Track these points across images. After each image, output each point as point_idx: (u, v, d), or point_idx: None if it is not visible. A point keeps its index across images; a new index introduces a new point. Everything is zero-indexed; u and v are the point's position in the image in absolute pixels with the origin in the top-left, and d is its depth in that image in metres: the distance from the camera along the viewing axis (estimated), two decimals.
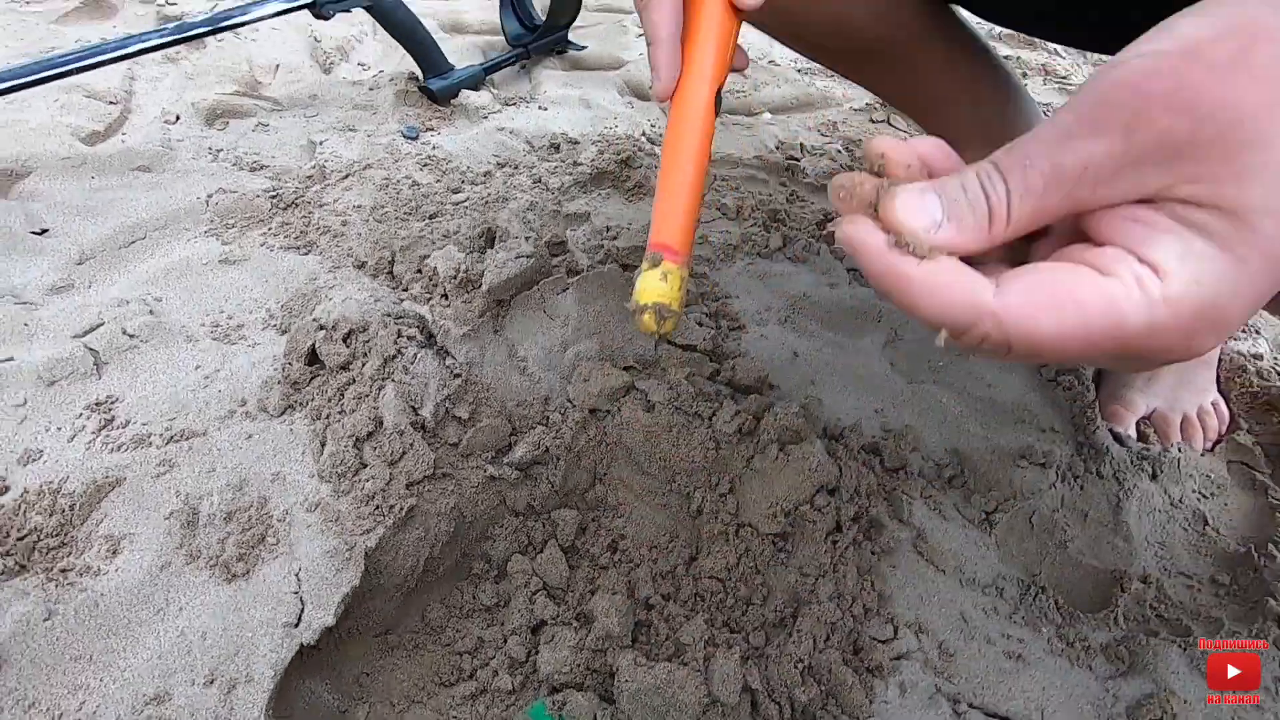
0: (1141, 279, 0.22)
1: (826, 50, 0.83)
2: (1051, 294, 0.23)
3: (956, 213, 0.24)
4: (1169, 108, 0.22)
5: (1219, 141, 0.21)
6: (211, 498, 0.54)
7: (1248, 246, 0.22)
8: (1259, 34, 0.22)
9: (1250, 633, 0.55)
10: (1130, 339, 0.22)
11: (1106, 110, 0.22)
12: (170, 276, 0.74)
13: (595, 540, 0.60)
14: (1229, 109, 0.21)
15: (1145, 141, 0.22)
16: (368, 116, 1.08)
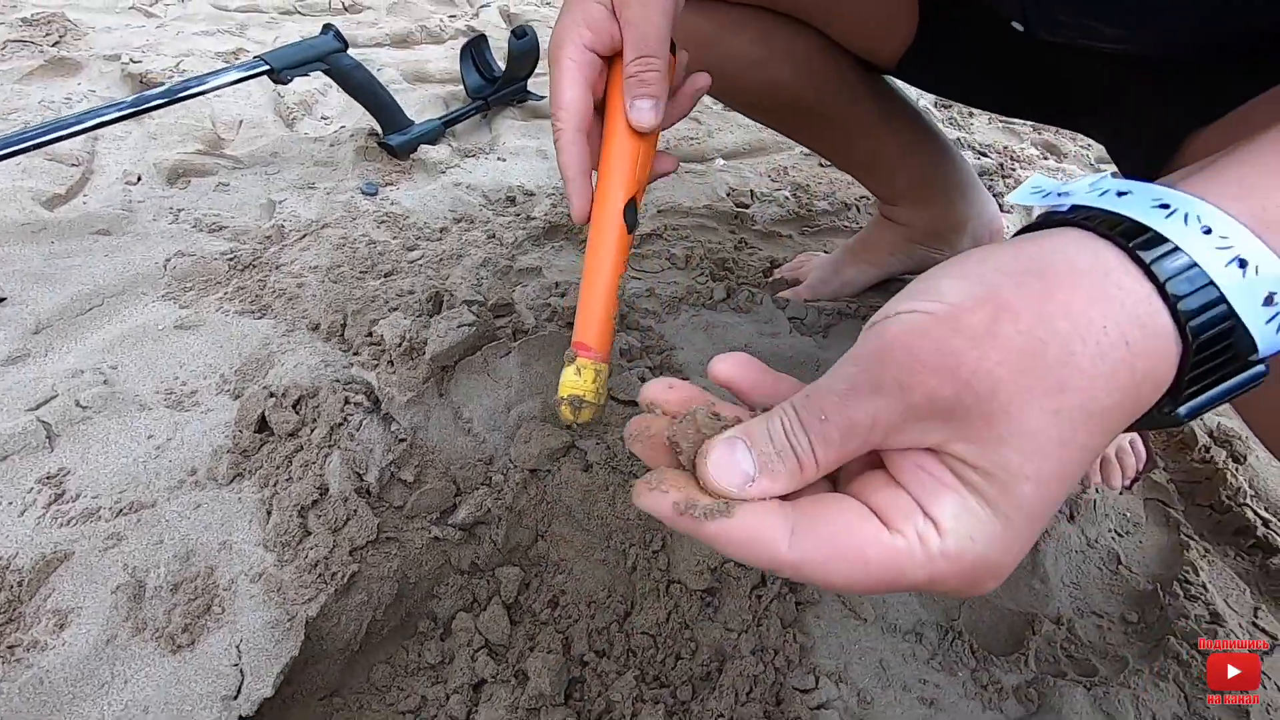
0: (924, 537, 0.24)
1: (764, 110, 0.88)
2: (842, 549, 0.25)
3: (769, 466, 0.26)
4: (935, 371, 0.24)
5: (977, 409, 0.24)
6: (159, 569, 0.56)
7: (1012, 508, 0.24)
8: (1003, 307, 0.24)
9: (1152, 670, 0.59)
10: (914, 588, 0.25)
11: (883, 369, 0.25)
12: (126, 344, 0.76)
13: (537, 596, 0.63)
14: (984, 378, 0.23)
15: (919, 401, 0.24)
16: (328, 173, 1.11)
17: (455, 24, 1.72)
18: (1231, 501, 0.75)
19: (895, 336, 0.25)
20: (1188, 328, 0.24)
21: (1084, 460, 0.25)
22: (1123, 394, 0.24)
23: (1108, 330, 0.24)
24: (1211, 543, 0.73)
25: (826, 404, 0.25)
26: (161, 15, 1.62)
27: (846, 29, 0.75)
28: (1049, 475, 0.24)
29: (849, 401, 0.25)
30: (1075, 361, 0.23)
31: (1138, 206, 0.25)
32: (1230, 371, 0.25)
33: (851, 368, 0.26)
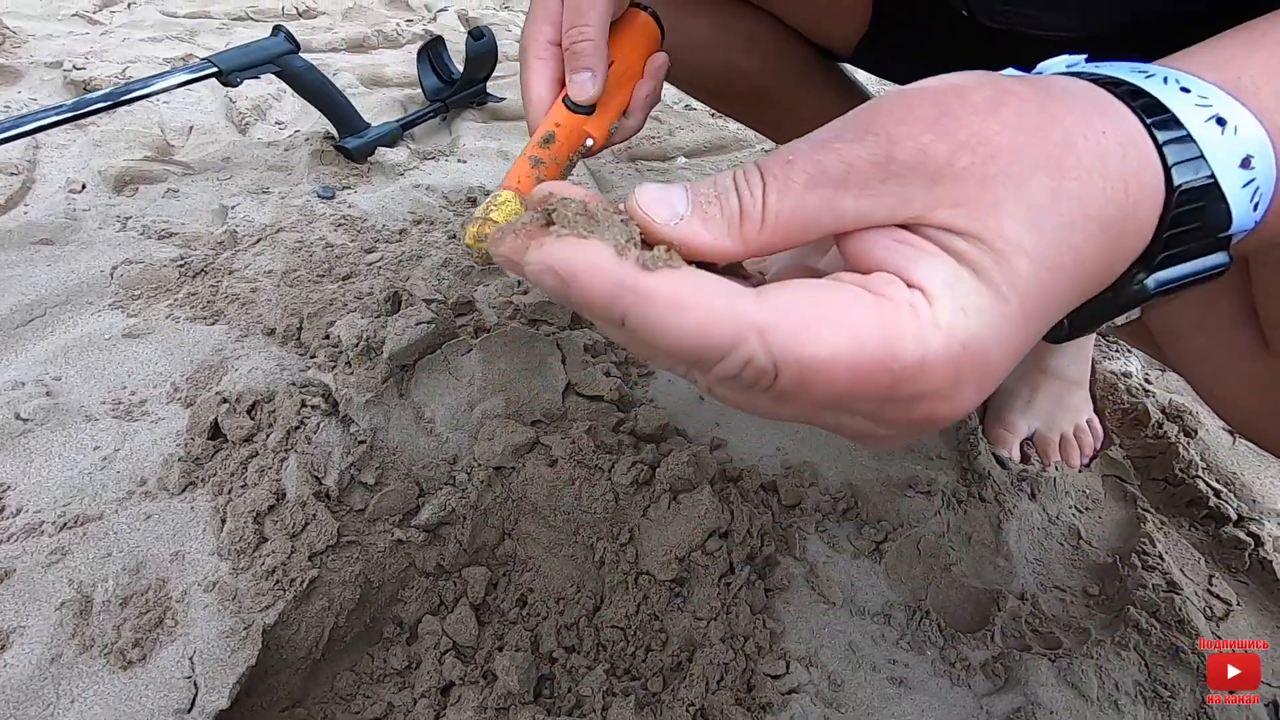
0: (913, 303, 0.20)
1: (723, 98, 0.88)
2: (824, 310, 0.20)
3: (703, 204, 0.22)
4: (931, 128, 0.21)
5: (976, 170, 0.21)
6: (106, 583, 0.54)
7: (1008, 284, 0.21)
8: (1009, 91, 0.23)
9: (1113, 640, 0.60)
10: (902, 374, 0.20)
11: (874, 120, 0.22)
12: (70, 354, 0.74)
13: (505, 595, 0.62)
14: (985, 144, 0.21)
15: (907, 154, 0.21)
16: (282, 178, 1.09)
17: (412, 29, 1.70)
18: (1184, 475, 0.77)
19: (891, 96, 0.23)
20: (1172, 171, 0.23)
21: (1075, 271, 0.22)
22: (1116, 210, 0.22)
23: (1107, 134, 0.22)
24: (1167, 515, 0.75)
25: (798, 147, 0.22)
26: (106, 22, 1.57)
27: (800, 15, 0.76)
28: (1048, 260, 0.21)
29: (826, 146, 0.22)
30: (1077, 151, 0.22)
31: (1118, 69, 0.25)
32: (1201, 248, 0.24)
33: (838, 122, 0.23)
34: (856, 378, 0.20)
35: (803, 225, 0.22)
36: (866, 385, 0.20)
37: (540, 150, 0.43)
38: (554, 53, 0.48)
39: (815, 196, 0.21)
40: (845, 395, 0.20)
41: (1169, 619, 0.61)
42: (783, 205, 0.21)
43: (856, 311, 0.20)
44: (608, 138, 0.49)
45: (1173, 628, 0.60)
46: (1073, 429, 0.82)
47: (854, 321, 0.20)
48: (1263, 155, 0.24)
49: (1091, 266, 0.22)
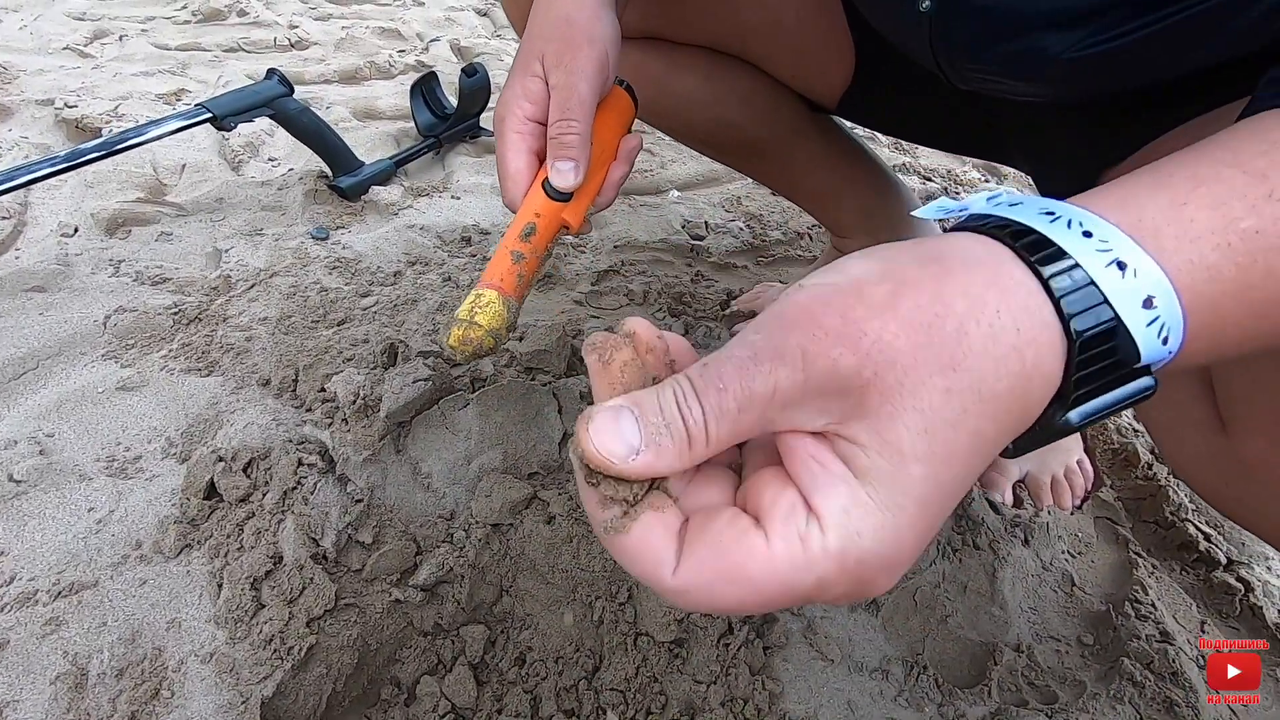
0: (805, 538, 0.23)
1: (714, 146, 0.90)
2: (724, 569, 0.23)
3: (654, 438, 0.25)
4: (839, 339, 0.23)
5: (876, 382, 0.23)
6: (102, 654, 0.54)
7: (900, 492, 0.23)
8: (904, 282, 0.24)
9: (1108, 693, 0.61)
10: (803, 597, 0.23)
11: (787, 337, 0.24)
12: (64, 409, 0.73)
13: (504, 654, 0.62)
14: (884, 349, 0.23)
15: (821, 372, 0.23)
16: (276, 218, 1.09)
17: (405, 59, 1.71)
18: (1174, 517, 0.78)
19: (801, 304, 0.25)
20: (1070, 323, 0.24)
21: (975, 448, 0.24)
22: (1013, 380, 0.24)
23: (1000, 314, 0.24)
24: (1159, 558, 0.76)
25: (725, 372, 0.24)
26: (98, 56, 1.57)
27: (785, 71, 0.77)
28: (939, 456, 0.23)
29: (749, 369, 0.24)
30: (969, 340, 0.24)
31: (1026, 213, 0.27)
32: (1117, 379, 0.26)
33: (755, 335, 0.25)
34: (763, 607, 0.24)
35: (741, 435, 0.25)
36: (775, 607, 0.24)
37: (521, 244, 0.44)
38: (532, 129, 0.49)
39: (748, 417, 0.24)
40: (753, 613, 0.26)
41: (1163, 671, 0.61)
42: (721, 429, 0.24)
43: (753, 563, 0.23)
44: (584, 223, 0.50)
45: (1166, 680, 0.61)
46: (1063, 470, 0.83)
47: (752, 576, 0.23)
48: (1164, 294, 0.25)
49: (993, 434, 0.25)
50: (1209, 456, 0.44)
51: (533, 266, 0.45)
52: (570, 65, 0.47)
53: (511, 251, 0.44)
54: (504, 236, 0.45)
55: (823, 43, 0.73)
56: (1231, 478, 0.43)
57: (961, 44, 0.50)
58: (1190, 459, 0.46)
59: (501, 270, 0.43)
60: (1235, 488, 0.43)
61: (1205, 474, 0.45)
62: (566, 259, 1.08)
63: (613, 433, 0.25)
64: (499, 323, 0.42)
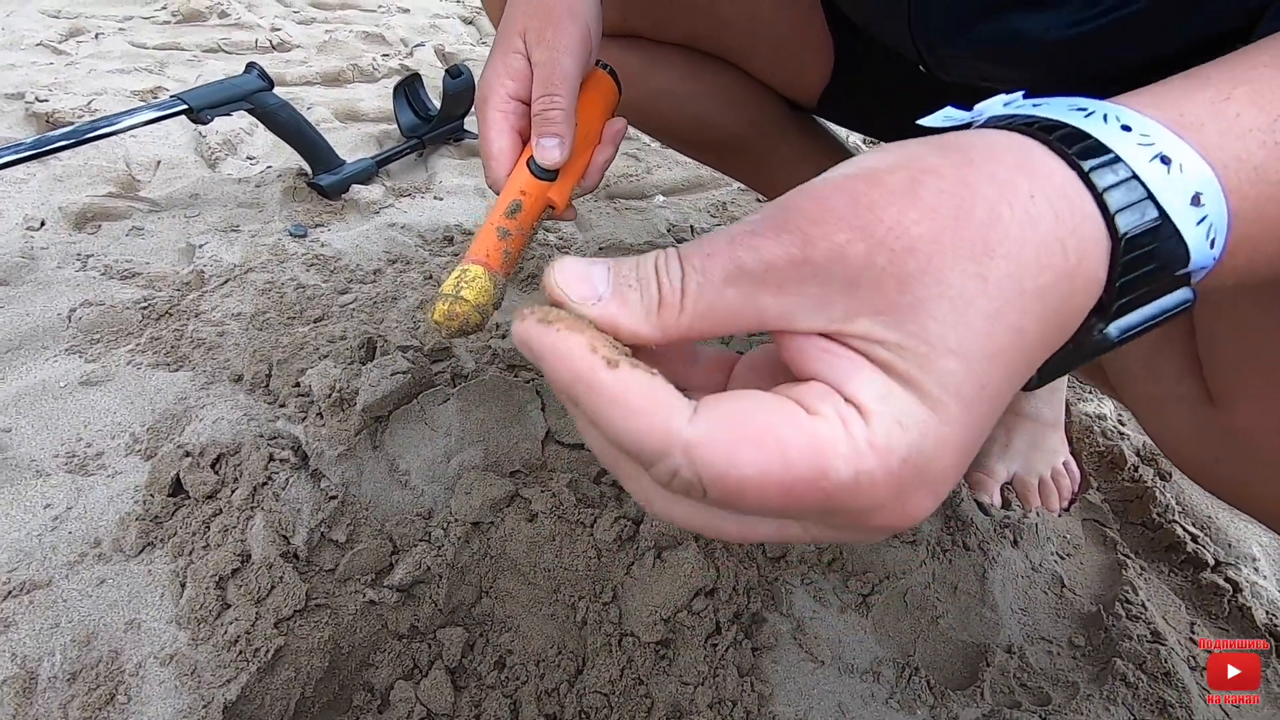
0: (847, 419, 0.20)
1: (694, 145, 0.89)
2: (753, 428, 0.20)
3: (622, 289, 0.22)
4: (848, 224, 0.21)
5: (890, 271, 0.20)
6: (54, 657, 0.51)
7: (939, 389, 0.20)
8: (925, 169, 0.22)
9: (1101, 694, 0.59)
10: (835, 492, 0.20)
11: (790, 216, 0.21)
12: (22, 403, 0.70)
13: (482, 658, 0.59)
14: (901, 236, 0.21)
15: (823, 255, 0.21)
16: (253, 215, 1.06)
17: (388, 63, 1.70)
18: (1161, 519, 0.77)
19: (807, 190, 0.22)
20: (1115, 219, 0.22)
21: (1018, 348, 0.21)
22: (1055, 276, 0.21)
23: (1034, 199, 0.21)
24: (1146, 560, 0.76)
25: (717, 240, 0.22)
26: (72, 53, 1.54)
27: (763, 67, 0.77)
28: (979, 352, 0.20)
29: (742, 240, 0.21)
30: (1003, 225, 0.21)
31: (1055, 109, 0.24)
32: (1158, 288, 0.23)
33: (757, 215, 0.22)
34: (787, 496, 0.20)
35: (722, 318, 0.22)
36: (800, 503, 0.20)
37: (507, 221, 0.43)
38: (515, 107, 0.48)
39: (734, 292, 0.21)
40: (780, 508, 0.20)
41: (1155, 671, 0.61)
42: (701, 297, 0.21)
43: (788, 431, 0.20)
44: (569, 205, 0.49)
45: (1159, 680, 0.60)
46: (1050, 472, 0.82)
47: (783, 441, 0.19)
48: (1211, 193, 0.23)
49: (1036, 337, 0.22)
50: (1196, 432, 0.44)
51: (519, 244, 0.43)
52: (553, 41, 0.46)
53: (497, 228, 0.42)
54: (489, 214, 0.44)
55: (800, 38, 0.72)
56: (1220, 452, 0.42)
57: (939, 27, 0.50)
58: (1177, 436, 0.45)
59: (487, 246, 0.42)
60: (1224, 462, 0.43)
61: (1193, 450, 0.45)
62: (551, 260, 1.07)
63: (579, 275, 0.22)
64: (485, 298, 0.41)
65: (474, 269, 0.40)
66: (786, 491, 0.20)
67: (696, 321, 0.22)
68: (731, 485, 0.20)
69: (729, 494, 0.20)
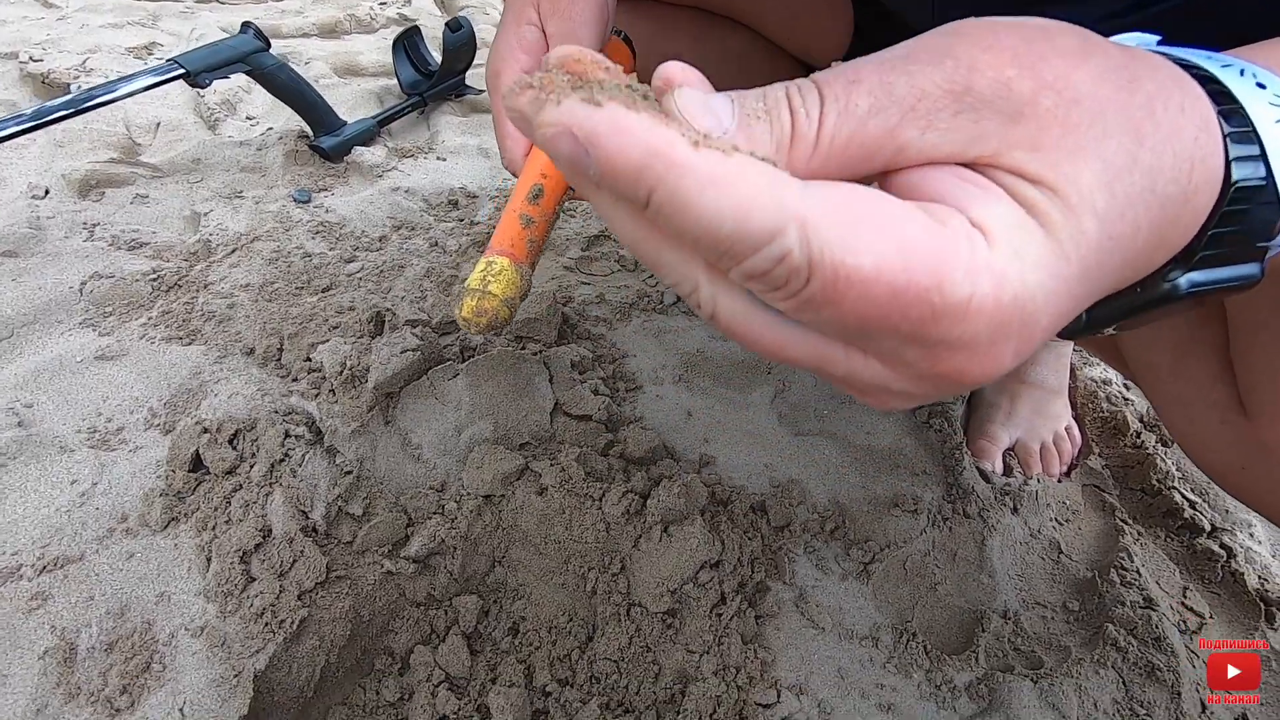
0: (972, 238, 0.19)
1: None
2: (876, 216, 0.18)
3: (748, 121, 0.19)
4: (1015, 62, 0.20)
5: (1059, 114, 0.19)
6: (90, 628, 0.53)
7: (1072, 243, 0.19)
8: (1096, 43, 0.21)
9: (1092, 658, 0.62)
10: (943, 309, 0.18)
11: (954, 44, 0.20)
12: (42, 378, 0.71)
13: (497, 624, 0.62)
14: (1068, 88, 0.20)
15: (988, 85, 0.19)
16: (256, 180, 1.06)
17: (386, 12, 1.65)
18: (1161, 485, 0.79)
19: (975, 21, 0.21)
20: (1232, 165, 0.21)
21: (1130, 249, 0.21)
22: (1178, 191, 0.21)
23: (1185, 112, 0.21)
24: (1144, 525, 0.77)
25: (863, 67, 0.20)
26: (63, 6, 1.50)
27: (778, 31, 0.75)
28: (1112, 227, 0.20)
29: (895, 65, 0.20)
30: (1155, 120, 0.20)
31: (1191, 54, 0.24)
32: (1237, 254, 0.23)
33: (911, 42, 0.21)
34: (894, 299, 0.18)
35: (859, 155, 0.20)
36: (902, 312, 0.18)
37: (529, 207, 0.42)
38: None
39: (878, 123, 0.19)
40: (876, 318, 0.19)
41: (1146, 636, 0.63)
42: (840, 130, 0.19)
43: (911, 229, 0.18)
44: None
45: (1150, 645, 0.62)
46: (1053, 437, 0.83)
47: (906, 236, 0.18)
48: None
49: (1143, 246, 0.21)
50: (1224, 438, 0.43)
51: (543, 231, 0.43)
52: (568, 12, 0.44)
53: (520, 215, 0.42)
54: (510, 200, 0.43)
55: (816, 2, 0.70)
56: (1249, 461, 0.42)
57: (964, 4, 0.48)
58: (1203, 439, 0.45)
59: (511, 235, 0.41)
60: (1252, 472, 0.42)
61: (1218, 456, 0.44)
62: (556, 224, 1.06)
63: (703, 105, 0.19)
64: (514, 291, 0.40)
65: (499, 261, 0.40)
66: (894, 295, 0.18)
67: (829, 160, 0.20)
68: (842, 275, 0.18)
69: (836, 284, 0.18)
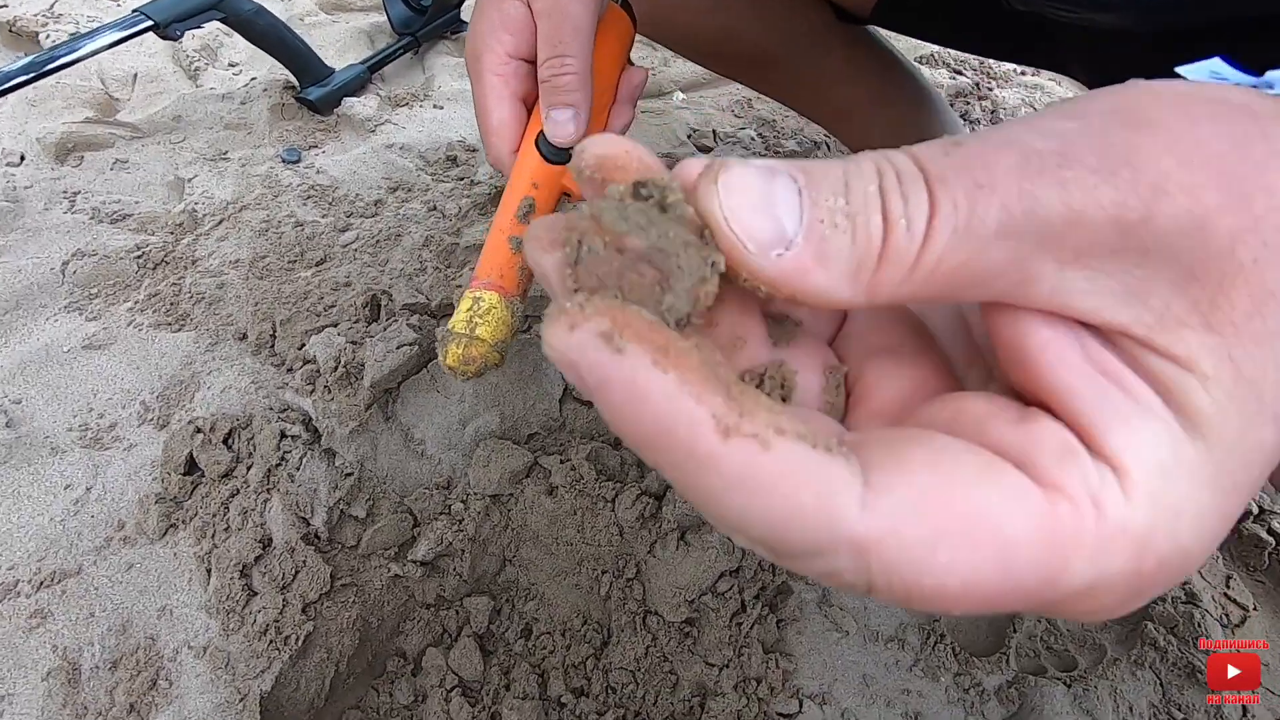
0: (1100, 500, 0.14)
1: (723, 60, 0.79)
2: (957, 515, 0.13)
3: (820, 232, 0.14)
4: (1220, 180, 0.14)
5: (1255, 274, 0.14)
6: (93, 647, 0.52)
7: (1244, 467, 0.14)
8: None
9: (1129, 658, 0.59)
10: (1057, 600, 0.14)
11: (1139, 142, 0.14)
12: (29, 370, 0.68)
13: (509, 625, 0.60)
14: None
15: (1175, 220, 0.14)
16: (241, 138, 0.99)
17: None
18: None
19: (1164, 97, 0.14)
20: None
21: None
22: None
23: None
24: None
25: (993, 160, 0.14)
26: None
27: None
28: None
29: (1041, 169, 0.14)
30: None
31: None
32: None
33: (1067, 121, 0.15)
34: (991, 603, 0.14)
35: (967, 280, 0.15)
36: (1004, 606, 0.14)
37: (520, 228, 0.37)
38: (515, 68, 0.40)
39: (1005, 250, 0.14)
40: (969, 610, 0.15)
41: (1186, 635, 0.60)
42: (952, 255, 0.14)
43: (1011, 519, 0.13)
44: None
45: (1190, 644, 0.59)
46: None
47: (1003, 538, 0.13)
48: None
49: None
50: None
51: None
52: None
53: (510, 238, 0.37)
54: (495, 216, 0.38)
55: None
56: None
57: None
58: None
59: (499, 263, 0.36)
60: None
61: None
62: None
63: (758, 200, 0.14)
64: (504, 332, 0.35)
65: (487, 297, 0.35)
66: (989, 599, 0.14)
67: (927, 286, 0.15)
68: (916, 594, 0.14)
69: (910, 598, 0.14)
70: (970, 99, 1.25)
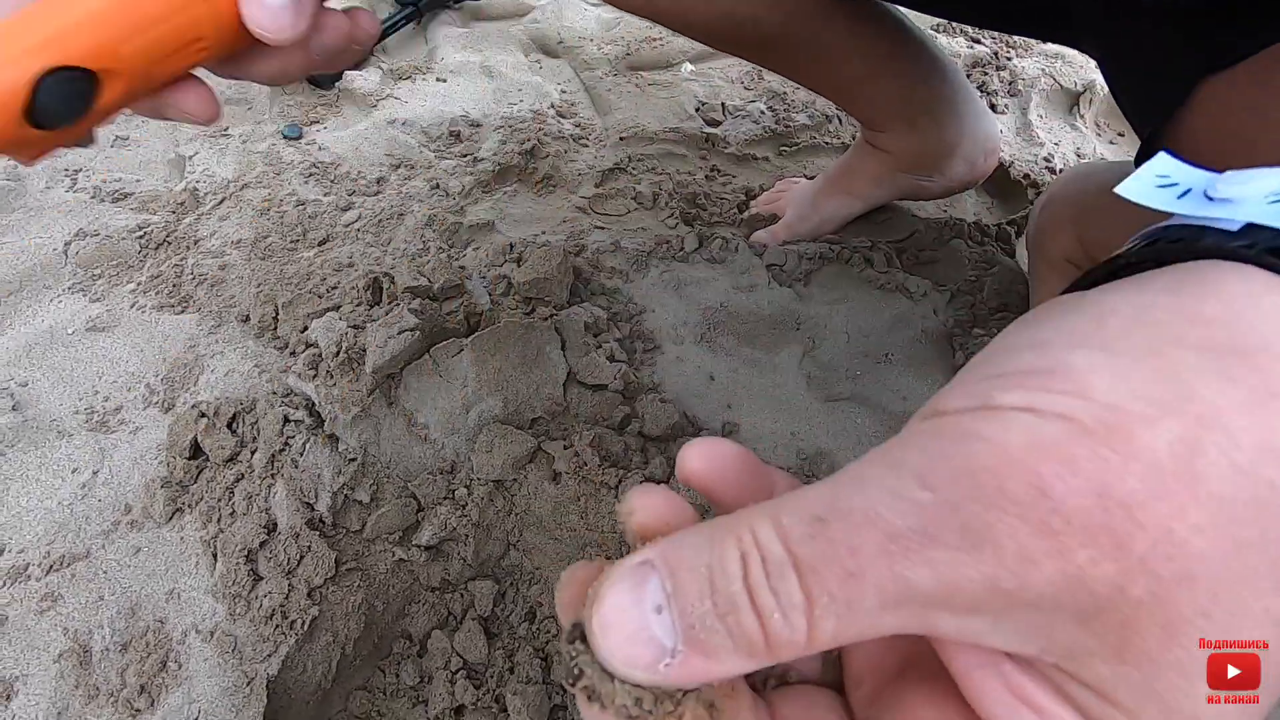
0: None
1: (723, 40, 0.77)
2: None
3: (697, 636, 0.15)
4: (1088, 534, 0.13)
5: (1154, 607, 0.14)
6: (103, 629, 0.53)
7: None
8: (1207, 423, 0.14)
9: None
10: None
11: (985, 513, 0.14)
12: (35, 353, 0.69)
13: (514, 608, 0.61)
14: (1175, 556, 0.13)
15: (1047, 583, 0.14)
16: (241, 113, 0.98)
17: None
18: None
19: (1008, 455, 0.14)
20: None
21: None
22: None
23: None
24: None
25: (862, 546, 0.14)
26: None
27: None
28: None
29: (907, 552, 0.14)
30: None
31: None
32: None
33: (921, 492, 0.15)
34: None
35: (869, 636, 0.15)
36: None
37: None
38: None
39: (897, 616, 0.14)
40: None
41: None
42: (845, 631, 0.15)
43: None
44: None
45: None
46: None
47: None
48: None
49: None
50: None
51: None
52: None
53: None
54: None
55: None
56: None
57: None
58: None
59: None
60: None
61: None
62: (566, 155, 0.97)
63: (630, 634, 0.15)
64: None
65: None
66: None
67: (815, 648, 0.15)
68: None
69: None
70: (989, 69, 1.21)
